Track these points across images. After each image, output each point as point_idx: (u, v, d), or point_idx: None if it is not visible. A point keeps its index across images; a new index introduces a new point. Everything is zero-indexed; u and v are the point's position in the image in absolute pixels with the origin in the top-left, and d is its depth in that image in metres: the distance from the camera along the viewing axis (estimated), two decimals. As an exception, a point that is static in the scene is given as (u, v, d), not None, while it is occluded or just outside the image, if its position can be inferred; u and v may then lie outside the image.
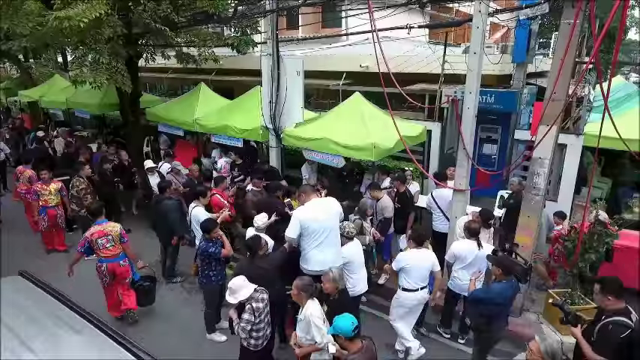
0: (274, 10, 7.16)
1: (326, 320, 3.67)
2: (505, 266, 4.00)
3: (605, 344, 3.25)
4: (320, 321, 3.56)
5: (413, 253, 4.76)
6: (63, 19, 6.56)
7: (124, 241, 5.35)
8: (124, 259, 5.41)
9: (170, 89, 16.03)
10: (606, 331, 3.26)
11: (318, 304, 3.68)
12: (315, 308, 3.63)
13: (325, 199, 4.82)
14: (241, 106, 8.75)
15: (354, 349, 3.12)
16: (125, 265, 5.42)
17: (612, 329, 3.23)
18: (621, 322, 3.21)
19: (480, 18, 5.28)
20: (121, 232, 5.38)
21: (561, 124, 5.38)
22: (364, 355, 3.13)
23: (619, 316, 3.25)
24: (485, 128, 8.95)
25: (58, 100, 12.03)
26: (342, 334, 3.11)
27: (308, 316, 3.58)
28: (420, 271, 4.70)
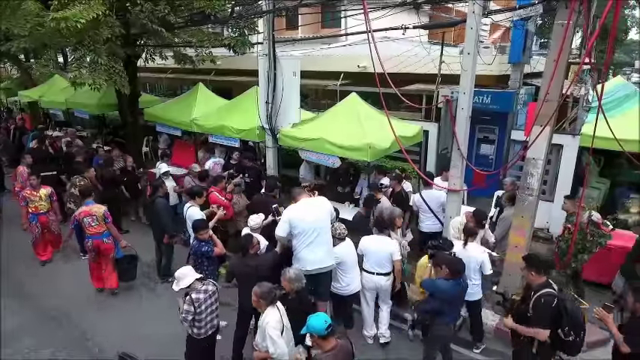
0: (271, 10, 7.18)
1: (286, 327, 3.64)
2: (455, 268, 4.09)
3: (542, 315, 3.63)
4: (275, 332, 3.51)
5: (371, 239, 5.10)
6: (60, 19, 6.61)
7: (107, 221, 6.11)
8: (109, 237, 6.16)
9: (169, 89, 16.08)
10: (540, 304, 3.62)
11: (277, 313, 3.63)
12: (272, 317, 3.59)
13: (316, 198, 4.85)
14: (238, 107, 8.78)
15: (327, 347, 3.14)
16: (109, 242, 6.17)
17: (545, 301, 3.61)
18: (549, 293, 3.62)
19: (474, 19, 5.30)
20: (105, 213, 6.11)
21: (556, 124, 5.38)
22: (337, 354, 3.15)
23: (545, 289, 3.64)
24: (482, 129, 8.96)
25: (58, 100, 12.08)
26: (315, 332, 3.13)
27: (264, 325, 3.56)
28: (376, 256, 4.96)
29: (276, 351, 3.47)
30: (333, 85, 10.85)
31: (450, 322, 4.24)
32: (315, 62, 12.07)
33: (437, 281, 4.16)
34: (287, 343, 3.59)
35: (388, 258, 4.99)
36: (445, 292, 4.05)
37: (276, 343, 3.46)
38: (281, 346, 3.46)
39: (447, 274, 4.07)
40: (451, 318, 4.23)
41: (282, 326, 3.58)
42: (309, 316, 3.23)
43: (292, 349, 3.74)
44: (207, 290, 4.13)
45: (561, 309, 3.59)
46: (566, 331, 3.60)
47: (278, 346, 3.46)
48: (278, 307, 3.68)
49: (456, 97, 8.24)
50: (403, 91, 9.61)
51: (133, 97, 10.55)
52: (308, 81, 11.64)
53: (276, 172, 8.06)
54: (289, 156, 9.38)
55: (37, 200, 6.97)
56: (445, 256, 4.26)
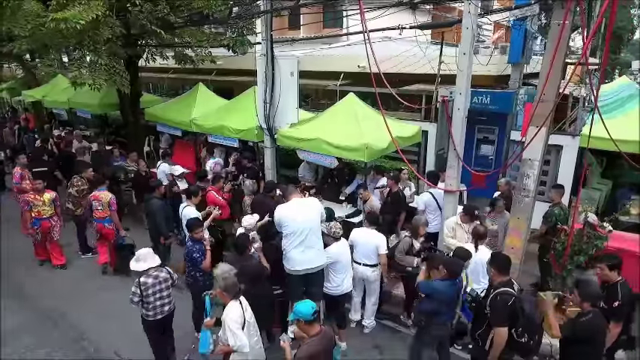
0: (268, 11, 7.18)
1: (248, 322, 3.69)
2: (452, 269, 4.10)
3: (496, 313, 3.69)
4: (235, 324, 3.55)
5: (360, 231, 5.40)
6: (60, 20, 6.65)
7: (112, 209, 6.78)
8: (110, 223, 6.85)
9: (171, 89, 16.13)
10: (495, 302, 3.71)
11: (239, 308, 3.67)
12: (233, 311, 3.63)
13: (307, 199, 4.86)
14: (237, 107, 8.79)
15: (312, 332, 3.29)
16: (110, 228, 6.85)
17: (501, 299, 3.68)
18: (506, 292, 3.67)
19: (470, 19, 5.27)
20: (111, 200, 6.79)
21: (553, 124, 5.33)
22: (321, 340, 3.30)
23: (503, 288, 3.71)
24: (482, 129, 8.89)
25: (61, 100, 12.17)
26: (301, 317, 3.26)
27: (225, 318, 3.61)
28: (363, 248, 5.19)
29: (237, 343, 3.53)
30: (332, 85, 10.83)
31: (446, 322, 4.24)
32: (316, 62, 12.07)
33: (434, 282, 4.15)
34: (249, 338, 3.64)
35: (374, 250, 5.15)
36: (443, 293, 4.05)
37: (236, 335, 3.52)
38: (241, 339, 3.53)
39: (444, 274, 4.07)
40: (447, 317, 4.22)
41: (244, 321, 3.64)
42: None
43: (257, 344, 3.82)
44: (157, 276, 4.40)
45: (517, 309, 3.61)
46: (519, 332, 3.62)
47: (238, 338, 3.52)
48: (241, 301, 3.73)
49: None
50: (403, 92, 9.66)
51: (134, 96, 10.61)
52: (309, 81, 11.66)
53: (274, 172, 8.07)
54: (289, 156, 9.38)
55: (41, 205, 6.87)
56: (442, 257, 4.30)
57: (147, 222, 6.90)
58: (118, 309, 5.74)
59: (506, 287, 3.71)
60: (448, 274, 4.06)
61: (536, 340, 3.62)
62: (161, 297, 4.46)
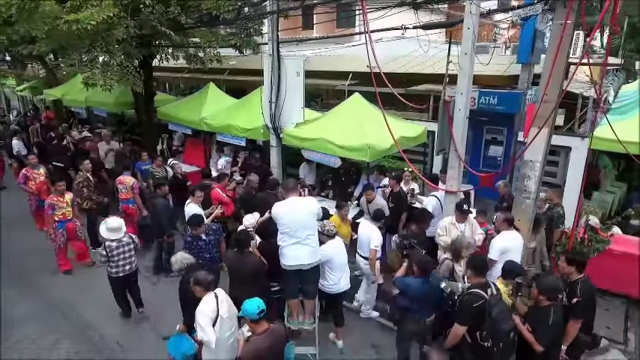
0: (275, 11, 7.26)
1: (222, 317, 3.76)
2: (422, 267, 4.13)
3: (461, 312, 3.76)
4: (204, 319, 3.64)
5: (361, 224, 5.72)
6: (72, 22, 6.89)
7: (135, 191, 7.62)
8: (134, 204, 7.68)
9: (186, 88, 16.42)
10: (462, 301, 3.79)
11: (212, 301, 3.75)
12: (206, 304, 3.72)
13: (304, 198, 4.91)
14: (245, 106, 8.93)
15: (259, 330, 3.40)
16: (133, 208, 7.69)
17: (467, 299, 3.73)
18: (476, 293, 3.69)
19: (471, 19, 5.23)
20: (134, 184, 7.65)
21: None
22: (269, 337, 3.39)
23: (476, 289, 3.71)
24: (491, 130, 8.81)
25: (79, 98, 12.53)
26: (247, 316, 3.37)
27: (197, 311, 3.71)
28: (360, 239, 5.61)
29: (203, 338, 3.65)
30: (341, 85, 10.85)
31: (420, 319, 4.23)
32: (326, 62, 12.15)
33: (407, 279, 4.25)
34: (222, 333, 3.72)
35: (367, 243, 5.40)
36: (414, 290, 4.10)
37: (203, 330, 3.63)
38: (208, 334, 3.63)
39: (416, 272, 4.14)
40: (421, 315, 4.22)
41: (217, 315, 3.71)
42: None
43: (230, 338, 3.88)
44: (120, 240, 5.43)
45: (484, 312, 3.59)
46: (483, 335, 3.62)
47: (205, 332, 3.63)
48: (217, 295, 3.83)
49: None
50: (411, 92, 9.61)
51: (148, 96, 10.87)
52: (319, 81, 11.73)
53: (280, 170, 8.16)
54: (297, 155, 9.46)
55: (65, 207, 6.87)
56: (416, 255, 4.32)
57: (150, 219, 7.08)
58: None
59: (479, 289, 3.72)
60: (419, 271, 4.11)
61: (500, 348, 3.57)
62: (124, 257, 5.48)
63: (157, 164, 8.54)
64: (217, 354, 3.79)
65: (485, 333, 3.62)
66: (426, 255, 4.44)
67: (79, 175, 7.71)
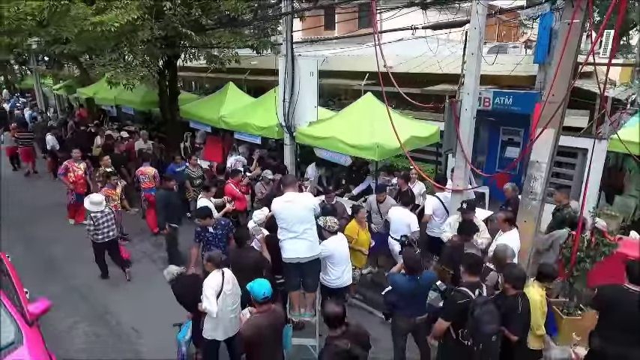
0: (289, 12, 7.45)
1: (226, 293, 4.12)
2: (409, 265, 4.16)
3: (445, 308, 3.91)
4: (210, 290, 4.03)
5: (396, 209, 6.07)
6: (97, 23, 7.29)
7: (157, 180, 8.22)
8: (155, 192, 7.88)
9: (210, 88, 16.88)
10: (448, 297, 3.91)
11: (219, 277, 4.12)
12: (212, 279, 4.12)
13: (301, 194, 5.05)
14: (261, 105, 9.16)
15: (261, 309, 3.66)
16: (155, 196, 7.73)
17: (452, 295, 3.83)
18: (462, 291, 3.76)
19: (477, 19, 5.24)
20: (154, 174, 8.32)
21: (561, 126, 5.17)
22: (269, 316, 3.61)
23: (465, 288, 3.78)
24: (507, 131, 8.68)
25: (108, 97, 13.13)
26: (253, 295, 3.61)
27: (204, 284, 4.13)
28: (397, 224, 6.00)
29: (207, 307, 3.96)
30: (357, 85, 10.93)
31: (409, 316, 4.27)
32: (345, 62, 12.24)
33: (395, 276, 4.32)
34: (224, 307, 4.06)
35: (406, 228, 5.83)
36: (400, 287, 4.16)
37: (208, 300, 3.96)
38: (211, 304, 3.98)
39: (404, 269, 4.19)
40: (409, 312, 4.25)
41: (221, 290, 4.06)
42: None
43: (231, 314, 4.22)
44: (103, 211, 6.58)
45: (467, 311, 3.63)
46: (464, 333, 3.69)
47: (209, 302, 3.96)
48: (224, 272, 4.18)
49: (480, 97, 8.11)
50: (427, 92, 9.58)
51: (172, 95, 11.30)
52: (338, 81, 11.86)
53: (294, 168, 8.34)
54: (312, 154, 9.62)
55: (116, 199, 7.57)
56: (406, 252, 4.36)
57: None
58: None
59: (467, 288, 3.78)
60: (407, 269, 4.15)
61: (480, 348, 3.57)
62: (107, 226, 6.62)
63: (192, 163, 8.54)
64: (218, 324, 4.14)
65: (466, 331, 3.69)
66: (416, 254, 4.46)
67: (99, 169, 8.15)
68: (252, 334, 3.50)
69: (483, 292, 3.83)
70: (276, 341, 3.76)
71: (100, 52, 10.19)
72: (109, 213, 6.66)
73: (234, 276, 4.91)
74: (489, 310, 3.61)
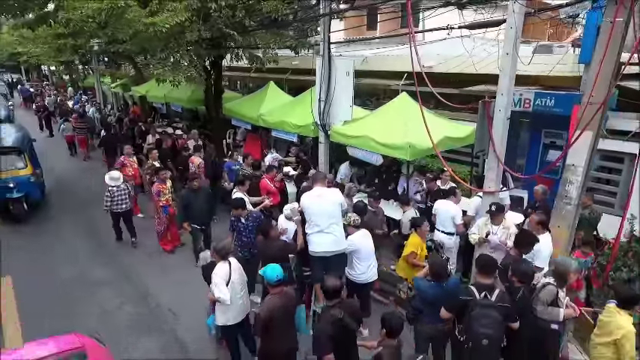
0: (327, 14, 7.61)
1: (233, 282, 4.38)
2: (435, 271, 4.15)
3: (449, 299, 3.98)
4: (219, 279, 4.26)
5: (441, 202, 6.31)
6: (149, 25, 7.84)
7: (201, 169, 8.97)
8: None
9: (254, 87, 17.42)
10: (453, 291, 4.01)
11: (226, 267, 4.34)
12: (220, 269, 4.37)
13: (329, 189, 5.17)
14: (299, 104, 9.39)
15: (274, 291, 3.93)
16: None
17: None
18: (468, 289, 3.81)
19: (514, 18, 5.13)
20: (200, 164, 9.08)
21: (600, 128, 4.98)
22: (282, 298, 3.87)
23: (474, 287, 3.79)
24: (549, 133, 8.33)
25: (159, 95, 13.95)
26: (266, 279, 3.86)
27: (213, 274, 4.37)
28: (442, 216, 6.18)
29: (218, 295, 4.20)
30: (395, 84, 10.90)
31: (432, 323, 4.21)
32: (385, 62, 12.24)
33: (420, 281, 4.27)
34: (234, 294, 4.28)
35: (450, 220, 6.05)
36: (424, 293, 4.13)
37: (218, 288, 4.20)
38: (222, 291, 4.22)
39: (430, 275, 4.17)
40: (433, 319, 4.18)
41: (229, 279, 4.26)
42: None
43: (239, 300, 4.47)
44: (119, 187, 7.80)
45: (466, 308, 3.70)
46: (460, 329, 3.80)
47: (219, 290, 4.19)
48: (230, 262, 4.41)
49: (517, 99, 7.90)
50: (466, 92, 9.40)
51: (217, 93, 11.84)
52: (378, 80, 11.87)
53: (327, 166, 8.50)
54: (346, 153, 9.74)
55: (167, 193, 7.79)
56: (432, 257, 4.34)
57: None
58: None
59: (475, 288, 3.79)
60: (432, 275, 4.13)
61: (470, 346, 3.62)
62: (121, 198, 7.83)
63: (248, 164, 8.67)
64: (229, 310, 4.42)
65: (462, 327, 3.78)
66: (443, 260, 4.45)
67: (147, 162, 8.73)
68: (269, 313, 3.80)
69: (493, 297, 3.72)
70: (289, 320, 4.03)
71: (152, 52, 10.90)
72: (124, 188, 7.87)
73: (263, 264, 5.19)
74: (487, 314, 3.63)
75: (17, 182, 9.11)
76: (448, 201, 6.23)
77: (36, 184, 9.69)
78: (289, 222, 5.59)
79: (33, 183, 9.51)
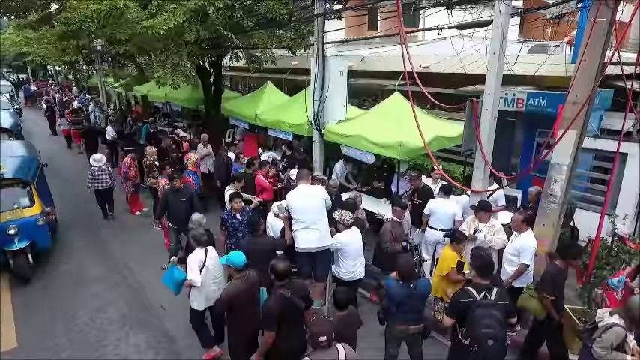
0: (321, 14, 7.69)
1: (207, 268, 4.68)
2: (402, 271, 4.10)
3: (450, 305, 3.99)
4: (193, 263, 4.63)
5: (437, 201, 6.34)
6: (148, 27, 7.95)
7: (197, 166, 9.50)
8: (192, 175, 9.20)
9: (255, 87, 17.55)
10: (453, 296, 3.99)
11: (202, 253, 4.61)
12: (196, 254, 4.70)
13: (313, 186, 5.25)
14: (294, 103, 9.48)
15: (238, 275, 4.16)
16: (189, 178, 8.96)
17: (456, 294, 3.89)
18: (468, 291, 3.76)
19: (500, 18, 5.19)
20: (197, 161, 9.50)
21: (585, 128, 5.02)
22: (245, 282, 4.15)
23: (472, 288, 3.76)
24: (543, 133, 8.35)
25: (160, 94, 14.11)
26: (233, 265, 4.15)
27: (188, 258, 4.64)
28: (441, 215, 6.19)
29: (190, 276, 4.61)
30: (391, 84, 10.96)
31: (401, 323, 4.19)
32: (383, 62, 12.29)
33: (390, 280, 4.22)
34: (208, 279, 4.71)
35: (451, 218, 6.12)
36: (392, 293, 4.09)
37: (191, 269, 4.60)
38: (194, 273, 4.59)
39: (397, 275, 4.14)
40: (402, 319, 4.16)
41: (204, 264, 4.67)
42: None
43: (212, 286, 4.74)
44: (100, 167, 8.88)
45: (468, 310, 3.62)
46: (463, 332, 3.71)
47: (192, 271, 4.60)
48: (207, 250, 4.71)
49: (510, 99, 7.94)
50: (461, 92, 9.43)
51: (216, 93, 11.97)
52: (375, 80, 11.93)
53: (321, 165, 8.59)
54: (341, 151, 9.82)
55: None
56: (401, 257, 4.26)
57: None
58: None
59: (474, 289, 3.73)
60: (399, 275, 4.08)
61: (476, 349, 3.54)
62: (102, 177, 8.91)
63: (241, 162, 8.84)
64: (201, 293, 4.74)
65: (465, 330, 3.69)
66: (411, 260, 4.36)
67: (146, 159, 8.93)
68: (231, 294, 4.05)
69: (492, 296, 3.72)
70: (253, 302, 4.24)
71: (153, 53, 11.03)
72: (105, 169, 9.00)
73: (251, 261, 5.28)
74: (489, 314, 3.55)
75: (20, 227, 6.82)
76: (445, 199, 6.27)
77: (45, 228, 7.32)
78: (277, 219, 5.68)
79: (41, 227, 7.18)
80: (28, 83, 35.53)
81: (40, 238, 7.23)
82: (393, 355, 4.39)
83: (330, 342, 3.21)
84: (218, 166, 9.22)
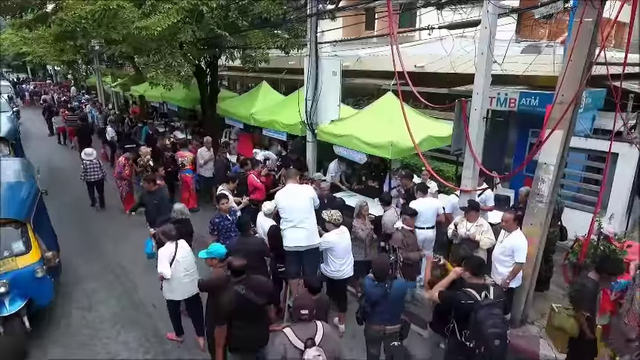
0: (314, 14, 7.71)
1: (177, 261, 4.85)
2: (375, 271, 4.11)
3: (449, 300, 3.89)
4: (162, 256, 4.84)
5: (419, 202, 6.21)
6: (142, 28, 7.97)
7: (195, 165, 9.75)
8: (190, 173, 9.63)
9: (252, 86, 17.58)
10: (453, 295, 3.89)
11: (172, 248, 4.90)
12: (166, 248, 4.89)
13: (301, 185, 5.28)
14: (288, 103, 9.51)
15: (220, 264, 4.35)
16: (188, 176, 9.57)
17: (458, 294, 3.82)
18: (468, 292, 3.74)
19: (488, 18, 5.21)
20: (193, 159, 9.67)
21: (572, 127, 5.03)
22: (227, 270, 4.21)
23: (471, 289, 3.75)
24: (536, 133, 8.35)
25: (156, 94, 14.13)
26: (217, 256, 4.34)
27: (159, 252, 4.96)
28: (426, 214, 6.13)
29: (159, 269, 4.80)
30: (385, 84, 10.98)
31: (377, 323, 4.17)
32: (378, 62, 12.31)
33: (365, 279, 4.22)
34: (179, 272, 4.87)
35: (434, 214, 6.23)
36: (367, 292, 4.09)
37: (161, 262, 4.80)
38: (163, 266, 4.78)
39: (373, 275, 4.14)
40: (378, 319, 4.15)
41: (174, 258, 4.86)
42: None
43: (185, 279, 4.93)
44: (92, 161, 9.51)
45: (470, 312, 3.59)
46: (466, 335, 3.66)
47: (161, 265, 4.79)
48: (178, 244, 4.94)
49: (503, 99, 7.96)
50: (454, 92, 9.45)
51: (212, 93, 11.99)
52: (370, 80, 11.95)
53: (314, 165, 8.62)
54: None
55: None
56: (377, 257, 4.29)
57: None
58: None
59: (474, 290, 3.73)
60: (373, 274, 4.08)
61: (482, 351, 3.48)
62: (94, 170, 9.53)
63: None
64: (171, 285, 4.91)
65: (468, 333, 3.63)
66: (386, 260, 4.38)
67: (140, 159, 8.97)
68: (212, 279, 4.36)
69: (490, 295, 3.75)
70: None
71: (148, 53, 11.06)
72: (97, 163, 9.68)
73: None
74: (493, 314, 3.52)
75: (12, 282, 4.95)
76: (427, 198, 6.29)
77: (46, 280, 5.37)
78: (268, 218, 5.71)
79: (41, 279, 5.25)
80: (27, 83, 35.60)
81: (39, 294, 5.29)
82: (374, 355, 4.37)
83: (311, 316, 3.29)
84: (217, 168, 9.21)
